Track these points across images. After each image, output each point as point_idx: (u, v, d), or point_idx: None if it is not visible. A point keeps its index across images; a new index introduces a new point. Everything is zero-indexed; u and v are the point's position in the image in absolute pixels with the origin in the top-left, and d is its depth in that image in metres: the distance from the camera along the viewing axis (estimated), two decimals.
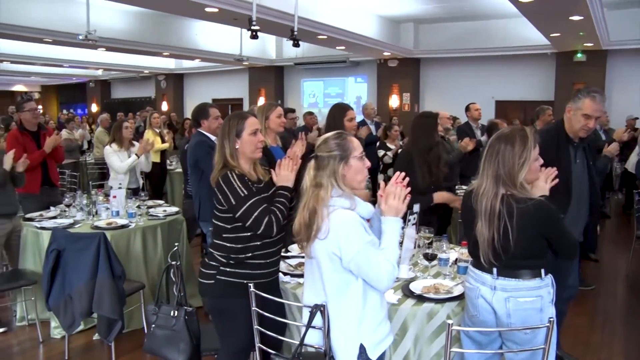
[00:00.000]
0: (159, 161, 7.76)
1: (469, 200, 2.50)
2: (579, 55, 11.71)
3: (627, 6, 10.39)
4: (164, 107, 18.52)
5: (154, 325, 2.85)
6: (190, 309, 2.82)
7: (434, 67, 14.22)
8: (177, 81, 19.01)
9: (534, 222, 2.32)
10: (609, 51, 11.57)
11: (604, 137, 6.17)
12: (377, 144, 7.44)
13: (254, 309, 2.43)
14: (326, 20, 9.68)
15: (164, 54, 13.74)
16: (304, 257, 3.24)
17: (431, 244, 3.11)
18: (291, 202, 2.63)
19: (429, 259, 3.00)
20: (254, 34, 7.18)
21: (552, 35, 10.08)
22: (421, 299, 2.61)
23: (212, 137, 4.03)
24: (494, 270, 2.39)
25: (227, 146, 2.60)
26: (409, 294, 2.67)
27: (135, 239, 4.30)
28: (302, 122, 9.90)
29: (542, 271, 2.39)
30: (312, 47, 13.08)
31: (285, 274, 2.95)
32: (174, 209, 4.98)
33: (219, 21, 9.52)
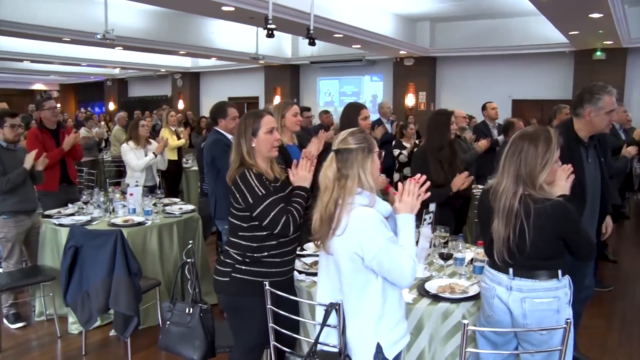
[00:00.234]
0: (176, 159, 7.81)
1: (485, 199, 2.48)
2: (598, 53, 11.54)
3: None
4: (180, 105, 18.64)
5: (169, 322, 2.87)
6: (205, 306, 2.83)
7: (450, 65, 14.13)
8: (193, 80, 19.12)
9: (551, 223, 2.29)
10: (629, 49, 11.38)
11: (624, 137, 6.08)
12: (393, 143, 7.42)
13: (269, 306, 2.44)
14: (342, 18, 9.66)
15: (180, 52, 13.82)
16: (319, 255, 3.25)
17: (447, 243, 3.09)
18: (308, 202, 2.63)
19: (445, 258, 2.98)
20: (270, 32, 7.19)
21: (570, 33, 9.94)
22: (436, 298, 2.60)
23: (229, 136, 4.04)
24: (510, 270, 2.38)
25: (244, 145, 2.61)
26: (424, 293, 2.66)
27: (151, 236, 4.33)
28: (317, 121, 9.91)
29: (560, 272, 2.36)
30: (328, 45, 13.06)
31: (300, 272, 2.95)
32: (190, 206, 5.01)
33: (235, 20, 9.56)
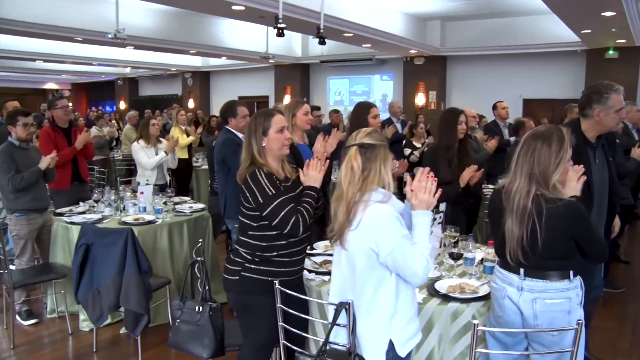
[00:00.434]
0: (186, 157, 7.84)
1: (497, 198, 2.46)
2: (611, 52, 11.44)
3: None
4: (191, 104, 18.71)
5: (179, 320, 2.88)
6: (214, 304, 2.84)
7: (460, 64, 14.07)
8: (203, 79, 19.19)
9: (563, 223, 2.27)
10: None
11: (637, 137, 6.02)
12: (403, 142, 7.40)
13: (279, 305, 2.44)
14: (352, 18, 9.65)
15: (190, 51, 13.88)
16: (329, 254, 3.26)
17: (457, 243, 3.08)
18: (318, 202, 2.63)
19: (455, 258, 2.97)
20: (280, 31, 7.19)
21: (582, 32, 9.87)
22: (446, 298, 2.59)
23: (240, 135, 4.05)
24: (521, 270, 2.36)
25: (255, 144, 2.61)
26: (434, 293, 2.65)
27: (161, 234, 4.35)
28: (327, 120, 9.90)
29: (571, 273, 2.35)
30: (338, 44, 13.06)
31: (310, 271, 2.95)
32: (200, 205, 5.02)
33: (245, 19, 9.59)
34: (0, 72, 19.40)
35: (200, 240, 3.33)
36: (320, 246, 3.48)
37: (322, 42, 8.25)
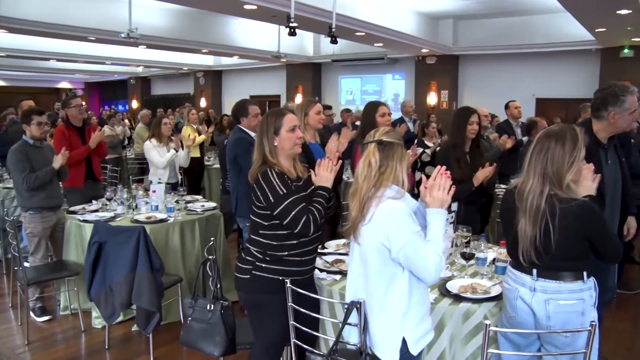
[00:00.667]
0: (198, 156, 7.86)
1: (509, 198, 2.44)
2: (626, 50, 11.29)
3: None
4: (203, 103, 18.77)
5: (190, 318, 2.89)
6: (226, 303, 2.85)
7: (473, 64, 13.98)
8: (215, 78, 19.24)
9: (576, 223, 2.25)
10: None
11: None
12: (415, 141, 7.37)
13: (290, 304, 2.45)
14: (364, 17, 9.63)
15: (202, 51, 13.92)
16: (340, 253, 3.26)
17: (469, 242, 3.07)
18: (329, 202, 2.63)
19: (467, 258, 2.96)
20: (292, 31, 7.18)
21: (597, 30, 9.75)
22: (458, 298, 2.58)
23: (252, 134, 4.05)
24: (534, 271, 2.34)
25: (266, 143, 2.61)
26: (445, 293, 2.64)
27: (173, 233, 4.37)
28: (339, 119, 9.90)
29: (585, 274, 2.32)
30: (349, 43, 13.04)
31: (321, 270, 2.95)
32: (212, 204, 5.04)
33: (257, 18, 9.59)
34: (15, 71, 19.65)
35: (212, 238, 3.34)
36: (331, 245, 3.48)
37: (333, 42, 8.22)
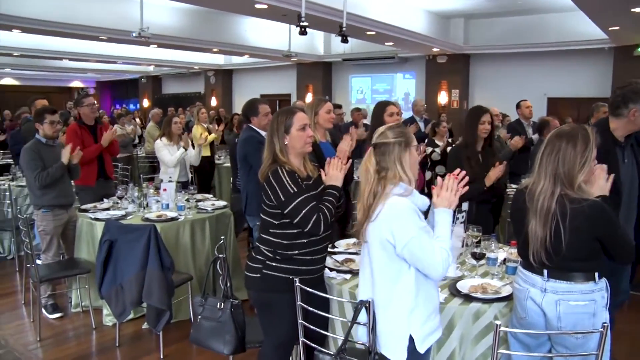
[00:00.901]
0: (208, 155, 7.89)
1: (520, 199, 2.43)
2: None
3: None
4: (213, 102, 18.82)
5: (200, 316, 2.90)
6: (236, 301, 2.86)
7: (484, 63, 13.90)
8: (226, 77, 19.28)
9: (587, 224, 2.23)
10: None
11: None
12: (425, 141, 7.35)
13: (299, 303, 2.45)
14: (375, 16, 9.61)
15: (213, 50, 13.96)
16: (350, 253, 3.26)
17: (479, 242, 3.05)
18: (339, 201, 2.63)
19: (477, 258, 2.94)
20: (302, 30, 7.18)
21: (610, 28, 9.66)
22: (468, 298, 2.57)
23: (262, 133, 4.04)
24: (545, 272, 2.33)
25: (277, 142, 2.61)
26: (455, 293, 2.63)
27: (184, 231, 4.39)
28: (349, 118, 9.89)
29: (596, 274, 2.30)
30: (360, 43, 13.01)
31: (331, 269, 2.95)
32: (222, 202, 5.05)
33: (268, 17, 9.61)
34: (28, 71, 19.82)
35: (222, 237, 3.35)
36: (341, 244, 3.48)
37: (344, 41, 8.21)
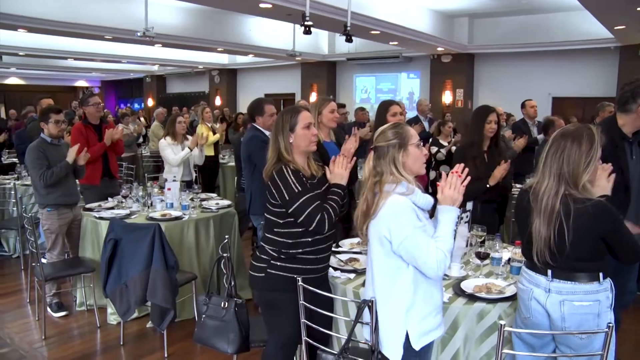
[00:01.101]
0: (212, 154, 7.89)
1: (524, 199, 2.42)
2: None
3: None
4: (218, 101, 18.85)
5: (204, 315, 2.91)
6: (240, 300, 2.86)
7: (488, 62, 13.88)
8: (230, 76, 19.30)
9: (591, 224, 2.22)
10: None
11: None
12: (430, 140, 7.34)
13: (301, 302, 2.45)
14: (379, 15, 9.60)
15: (218, 49, 13.97)
16: (355, 252, 3.26)
17: (483, 242, 3.05)
18: (343, 199, 2.63)
19: (482, 257, 2.94)
20: (307, 29, 7.17)
21: (616, 28, 9.62)
22: (472, 298, 2.56)
23: (266, 132, 4.04)
24: (549, 272, 2.32)
25: (282, 141, 2.62)
26: (460, 292, 2.62)
27: (188, 230, 4.40)
28: (353, 118, 9.87)
29: (601, 275, 2.29)
30: (364, 42, 13.01)
31: (335, 269, 2.95)
32: (227, 202, 5.06)
33: (272, 17, 9.61)
34: (33, 70, 19.89)
35: (226, 236, 3.35)
36: (345, 244, 3.48)
37: (349, 40, 8.20)
